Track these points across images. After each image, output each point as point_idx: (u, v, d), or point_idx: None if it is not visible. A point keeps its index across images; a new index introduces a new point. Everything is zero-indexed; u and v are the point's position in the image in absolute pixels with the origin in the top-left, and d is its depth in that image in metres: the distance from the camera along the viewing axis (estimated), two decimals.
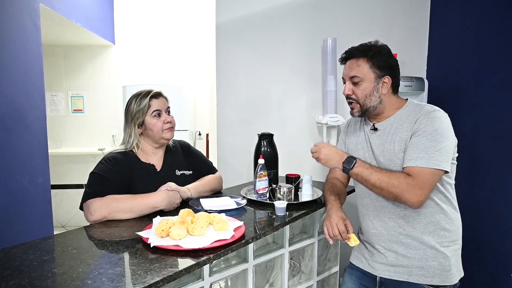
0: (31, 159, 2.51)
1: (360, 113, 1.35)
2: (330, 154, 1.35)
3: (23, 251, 1.05)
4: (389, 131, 1.32)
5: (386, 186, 1.22)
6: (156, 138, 1.55)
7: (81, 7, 3.40)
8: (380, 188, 1.24)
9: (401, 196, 1.20)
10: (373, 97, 1.31)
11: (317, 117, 2.36)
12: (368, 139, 1.38)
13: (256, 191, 1.60)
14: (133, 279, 0.88)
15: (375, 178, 1.25)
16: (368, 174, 1.26)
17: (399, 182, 1.20)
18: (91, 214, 1.32)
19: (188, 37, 4.22)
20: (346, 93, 1.35)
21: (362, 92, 1.31)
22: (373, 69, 1.30)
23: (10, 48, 2.34)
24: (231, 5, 2.36)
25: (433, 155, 1.18)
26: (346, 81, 1.35)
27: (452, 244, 1.28)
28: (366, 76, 1.30)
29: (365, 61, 1.30)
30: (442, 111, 1.26)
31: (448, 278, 1.26)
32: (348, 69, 1.34)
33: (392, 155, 1.29)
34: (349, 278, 1.47)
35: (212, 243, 1.08)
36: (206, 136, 4.23)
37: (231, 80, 2.42)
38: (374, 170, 1.27)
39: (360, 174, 1.28)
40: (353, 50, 1.34)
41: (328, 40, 2.23)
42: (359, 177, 1.29)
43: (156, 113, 1.53)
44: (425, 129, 1.21)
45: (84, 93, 4.33)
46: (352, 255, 1.49)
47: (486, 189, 1.95)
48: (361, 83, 1.31)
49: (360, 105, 1.33)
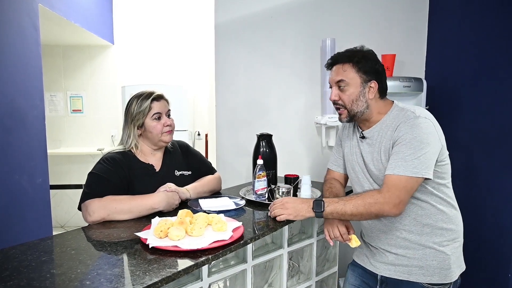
0: (30, 159, 2.51)
1: (348, 119, 1.34)
2: (296, 205, 1.28)
3: (21, 252, 1.05)
4: (375, 139, 1.32)
5: (364, 209, 1.21)
6: (155, 141, 1.54)
7: (80, 7, 3.40)
8: (359, 214, 1.23)
9: (381, 211, 1.20)
10: (360, 102, 1.30)
11: (316, 118, 2.36)
12: (359, 146, 1.38)
13: (255, 191, 1.60)
14: (131, 280, 0.88)
15: (350, 207, 1.23)
16: (341, 207, 1.24)
17: (374, 200, 1.20)
18: (89, 215, 1.31)
19: (187, 37, 4.22)
20: (333, 98, 1.34)
21: (348, 97, 1.30)
22: (359, 74, 1.29)
23: (9, 49, 2.33)
24: (230, 5, 2.36)
25: (411, 162, 1.18)
26: (332, 87, 1.35)
27: (452, 242, 1.29)
28: (352, 81, 1.29)
29: (350, 66, 1.30)
30: (425, 115, 1.23)
31: (448, 276, 1.27)
32: (334, 74, 1.33)
33: (379, 164, 1.29)
34: (351, 274, 1.49)
35: (210, 243, 1.08)
36: (205, 136, 4.23)
37: (230, 80, 2.42)
38: (346, 201, 1.25)
39: (334, 211, 1.24)
40: (338, 56, 1.33)
41: (327, 40, 2.23)
42: (334, 214, 1.25)
43: (157, 116, 1.52)
44: (404, 137, 1.21)
45: (83, 93, 4.32)
46: (355, 252, 1.51)
47: (484, 189, 1.96)
48: (347, 88, 1.30)
49: (347, 110, 1.32)
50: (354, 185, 1.45)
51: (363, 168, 1.36)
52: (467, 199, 2.01)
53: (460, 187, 1.25)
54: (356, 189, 1.43)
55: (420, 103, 2.22)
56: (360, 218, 1.25)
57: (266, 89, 2.42)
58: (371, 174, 1.33)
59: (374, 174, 1.32)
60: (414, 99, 2.23)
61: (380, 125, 1.32)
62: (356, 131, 1.42)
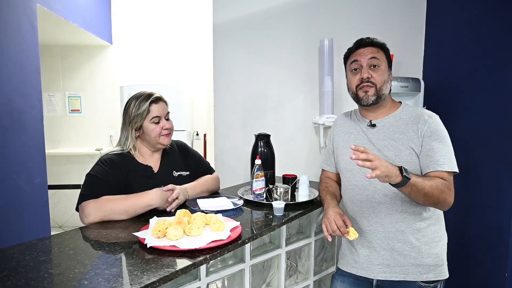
0: (28, 159, 2.51)
1: (375, 98, 1.32)
2: (389, 165, 1.11)
3: (19, 252, 1.05)
4: (388, 128, 1.33)
5: (438, 192, 1.18)
6: (153, 143, 1.54)
7: (78, 7, 3.39)
8: (432, 196, 1.17)
9: (444, 200, 1.21)
10: (387, 84, 1.35)
11: (314, 118, 2.37)
12: (366, 135, 1.38)
13: (253, 191, 1.61)
14: (129, 280, 0.88)
15: (428, 186, 1.17)
16: (422, 183, 1.16)
17: (443, 187, 1.20)
18: (86, 216, 1.32)
19: (186, 37, 4.22)
20: (366, 76, 1.32)
21: (381, 76, 1.33)
22: (387, 61, 1.37)
23: (7, 49, 2.33)
24: (229, 5, 2.36)
25: (453, 159, 1.25)
26: (362, 67, 1.34)
27: (443, 238, 1.34)
28: (383, 64, 1.35)
29: (382, 51, 1.37)
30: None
31: (442, 272, 1.30)
32: (368, 53, 1.35)
33: (397, 150, 1.29)
34: (341, 285, 1.44)
35: (208, 243, 1.08)
36: (203, 136, 4.23)
37: (228, 80, 2.43)
38: (424, 179, 1.18)
39: (416, 183, 1.14)
40: (372, 40, 1.38)
41: (325, 40, 2.24)
42: (414, 188, 1.15)
43: (156, 120, 1.51)
44: (437, 133, 1.26)
45: (81, 93, 4.32)
46: (341, 261, 1.46)
47: (481, 188, 1.96)
48: (380, 68, 1.34)
49: (376, 89, 1.32)
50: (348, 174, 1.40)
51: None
52: (464, 198, 2.01)
53: (456, 186, 1.26)
54: (351, 179, 1.38)
55: (418, 103, 2.23)
56: (430, 200, 1.19)
57: (265, 89, 2.42)
58: (386, 159, 1.26)
59: (389, 159, 1.28)
60: (412, 99, 2.24)
61: (394, 117, 1.35)
62: (358, 121, 1.43)
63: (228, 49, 2.41)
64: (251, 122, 2.42)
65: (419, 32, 2.38)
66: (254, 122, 2.41)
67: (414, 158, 1.27)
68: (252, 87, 2.42)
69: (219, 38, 2.39)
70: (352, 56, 1.39)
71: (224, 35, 2.38)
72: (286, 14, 2.36)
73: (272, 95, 2.42)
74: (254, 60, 2.40)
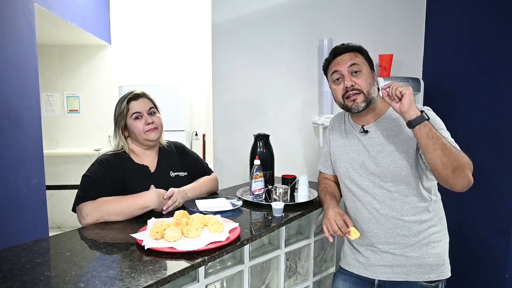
0: (25, 160, 2.50)
1: (365, 104, 1.27)
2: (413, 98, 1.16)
3: (15, 254, 1.04)
4: (382, 132, 1.30)
5: (456, 152, 1.13)
6: (141, 140, 1.53)
7: (77, 7, 3.38)
8: (449, 151, 1.11)
9: (462, 169, 1.12)
10: (374, 87, 1.30)
11: (313, 118, 2.36)
12: (360, 141, 1.35)
13: (252, 192, 1.60)
14: (126, 282, 0.87)
15: (445, 140, 1.12)
16: (438, 134, 1.12)
17: (468, 161, 1.15)
18: (83, 218, 1.31)
19: (184, 37, 4.21)
20: (349, 84, 1.27)
21: (364, 80, 1.27)
22: (367, 63, 1.31)
23: (5, 48, 2.32)
24: (227, 5, 2.35)
25: (457, 146, 1.20)
26: (343, 76, 1.29)
27: (445, 237, 1.33)
28: (365, 66, 1.30)
29: (360, 55, 1.31)
30: None
31: (444, 272, 1.29)
32: (347, 60, 1.29)
33: (392, 156, 1.27)
34: (343, 284, 1.43)
35: (207, 245, 1.07)
36: (202, 136, 4.22)
37: (227, 80, 2.42)
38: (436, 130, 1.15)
39: (432, 130, 1.11)
40: (347, 46, 1.33)
41: (324, 40, 2.23)
42: (429, 134, 1.11)
43: (136, 116, 1.51)
44: (434, 122, 1.20)
45: (80, 93, 4.31)
46: (343, 260, 1.46)
47: (481, 189, 1.96)
48: (362, 73, 1.28)
49: (364, 94, 1.27)
50: (347, 181, 1.38)
51: (370, 164, 1.30)
52: (464, 198, 2.01)
53: None
54: (349, 186, 1.37)
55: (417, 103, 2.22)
56: (449, 158, 1.11)
57: (264, 89, 2.41)
58: (381, 167, 1.27)
59: (386, 167, 1.27)
60: None
61: (386, 119, 1.32)
62: (351, 127, 1.39)
63: (227, 49, 2.40)
64: (250, 122, 2.41)
65: (419, 32, 2.38)
66: (253, 122, 2.40)
67: (411, 161, 1.25)
68: (251, 87, 2.41)
69: (218, 38, 2.38)
70: (331, 66, 1.33)
71: (223, 35, 2.37)
72: (285, 14, 2.35)
73: (271, 95, 2.41)
74: (253, 60, 2.39)
